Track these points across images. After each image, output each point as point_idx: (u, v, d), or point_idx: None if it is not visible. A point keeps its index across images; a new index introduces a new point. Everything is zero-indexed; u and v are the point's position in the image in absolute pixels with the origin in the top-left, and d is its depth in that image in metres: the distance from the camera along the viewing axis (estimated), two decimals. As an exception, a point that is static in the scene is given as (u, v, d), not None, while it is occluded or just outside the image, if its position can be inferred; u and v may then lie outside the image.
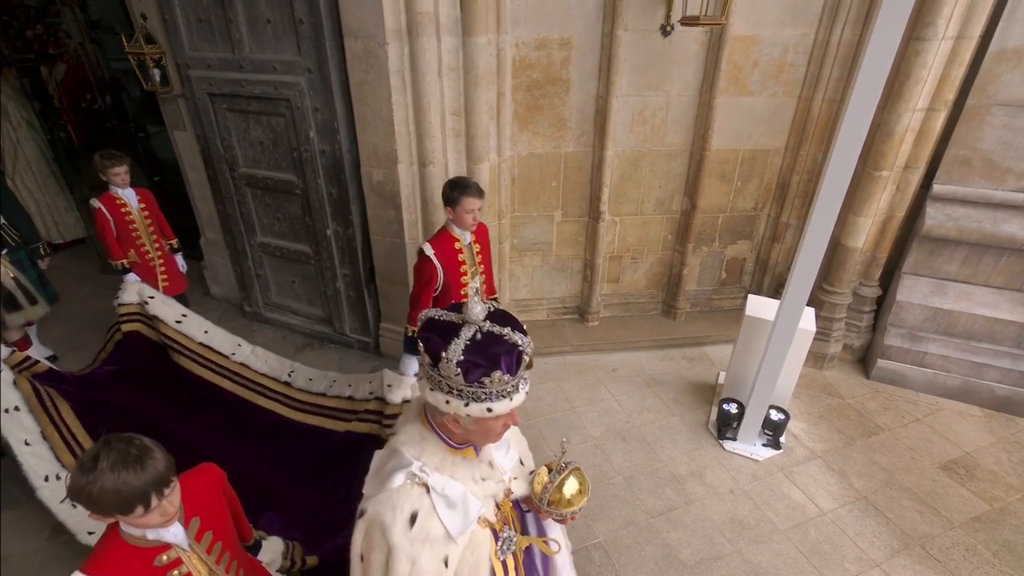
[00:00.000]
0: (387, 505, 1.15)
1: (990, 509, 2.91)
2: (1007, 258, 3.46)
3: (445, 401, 1.12)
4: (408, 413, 1.34)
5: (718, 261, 4.24)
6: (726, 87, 3.58)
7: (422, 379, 1.18)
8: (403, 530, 1.13)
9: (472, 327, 1.13)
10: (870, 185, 3.47)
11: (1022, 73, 3.13)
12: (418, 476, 1.17)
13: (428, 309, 1.25)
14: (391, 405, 2.52)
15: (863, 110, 2.32)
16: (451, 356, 1.08)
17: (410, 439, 1.23)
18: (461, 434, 1.20)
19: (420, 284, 2.56)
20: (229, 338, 3.14)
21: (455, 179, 2.56)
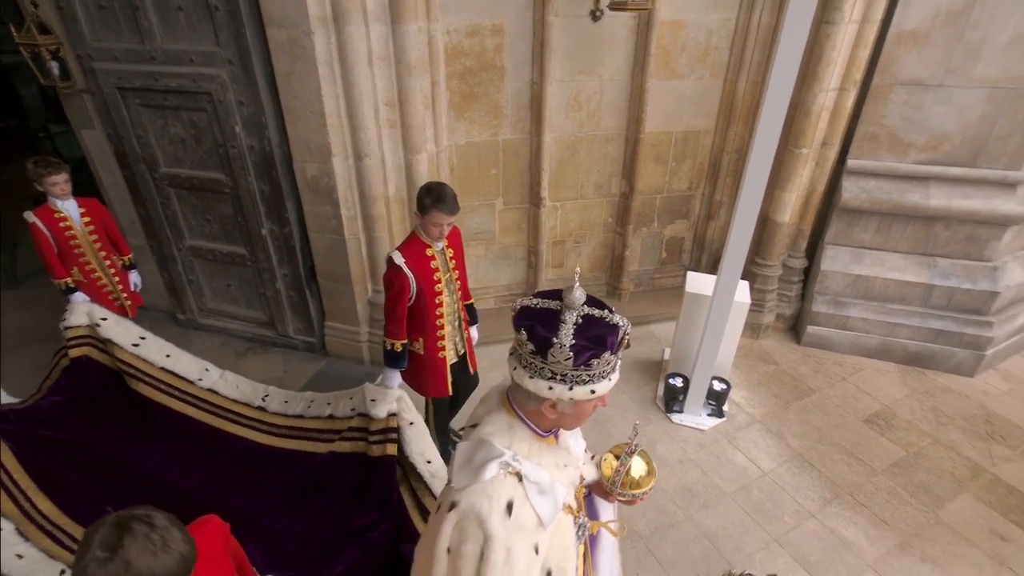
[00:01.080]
0: (482, 496, 1.15)
1: (906, 455, 3.19)
2: (912, 225, 3.75)
3: (548, 387, 1.13)
4: (487, 403, 1.33)
5: (658, 241, 4.38)
6: (657, 71, 3.67)
7: (517, 368, 1.17)
8: (500, 520, 1.14)
9: (574, 312, 1.15)
10: (792, 162, 3.67)
11: (918, 54, 3.38)
12: (511, 465, 1.18)
13: (523, 298, 1.24)
14: (376, 420, 2.41)
15: (781, 91, 2.45)
16: (564, 341, 1.11)
17: (498, 429, 1.23)
18: (554, 420, 1.22)
19: (392, 295, 2.38)
20: (195, 362, 2.89)
21: (434, 185, 2.33)
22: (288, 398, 2.82)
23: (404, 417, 2.43)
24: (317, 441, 2.66)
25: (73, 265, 3.10)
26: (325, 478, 2.55)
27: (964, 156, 3.55)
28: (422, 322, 2.49)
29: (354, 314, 3.68)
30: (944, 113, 3.48)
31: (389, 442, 2.41)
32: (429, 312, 2.48)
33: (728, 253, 2.80)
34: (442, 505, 1.23)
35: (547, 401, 1.16)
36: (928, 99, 3.47)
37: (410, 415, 2.44)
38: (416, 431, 2.44)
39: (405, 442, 2.42)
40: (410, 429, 2.43)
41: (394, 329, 2.43)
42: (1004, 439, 3.32)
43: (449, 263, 2.52)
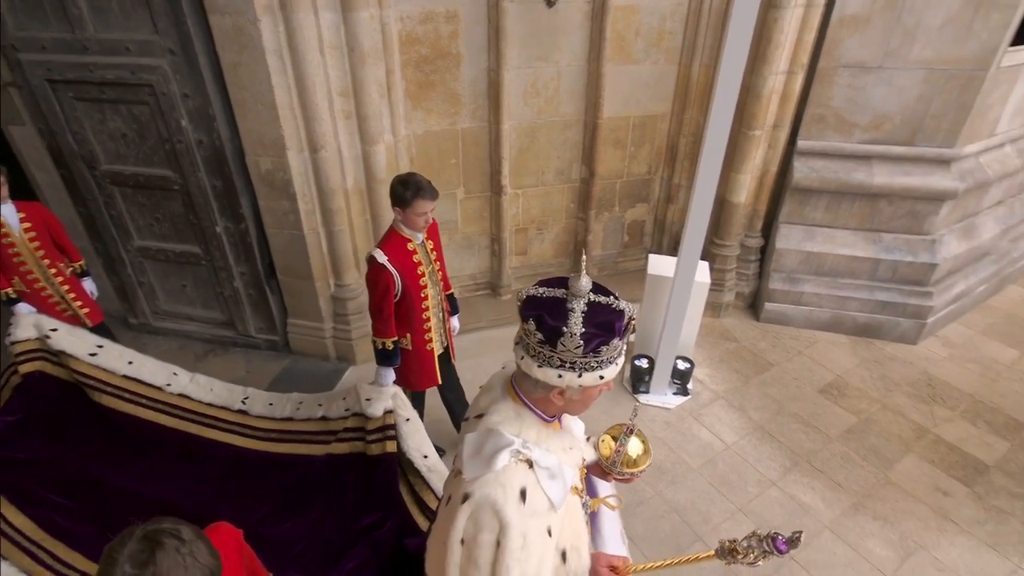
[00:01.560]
0: (496, 485, 1.16)
1: (858, 421, 3.36)
2: (859, 203, 3.92)
3: (558, 375, 1.15)
4: (490, 393, 1.34)
5: (619, 225, 4.44)
6: (612, 56, 3.69)
7: (524, 357, 1.19)
8: (516, 507, 1.15)
9: (581, 299, 1.16)
10: (746, 144, 3.77)
11: (860, 38, 3.51)
12: (522, 452, 1.20)
13: (528, 288, 1.24)
14: (373, 419, 2.37)
15: (733, 74, 2.50)
16: (574, 329, 1.12)
17: (506, 418, 1.25)
18: (561, 406, 1.24)
19: (378, 294, 2.34)
20: (161, 367, 2.73)
21: (407, 177, 2.28)
22: (273, 400, 2.73)
23: (400, 414, 2.41)
24: (312, 444, 2.58)
25: (14, 275, 2.87)
26: (325, 481, 2.49)
27: (904, 135, 3.72)
28: (409, 317, 2.48)
29: (317, 310, 3.61)
30: (885, 94, 3.63)
31: (388, 440, 2.38)
32: (415, 307, 2.47)
33: (687, 235, 2.87)
34: (453, 497, 1.22)
35: (555, 389, 1.18)
36: (870, 81, 3.61)
37: (405, 411, 2.43)
38: (412, 427, 2.43)
39: (402, 438, 2.40)
40: (406, 425, 2.41)
41: (383, 328, 2.40)
42: (944, 401, 3.54)
43: (430, 255, 2.50)
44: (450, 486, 1.29)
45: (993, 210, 4.41)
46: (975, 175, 3.85)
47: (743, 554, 1.31)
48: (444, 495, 1.33)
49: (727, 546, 1.34)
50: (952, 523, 2.76)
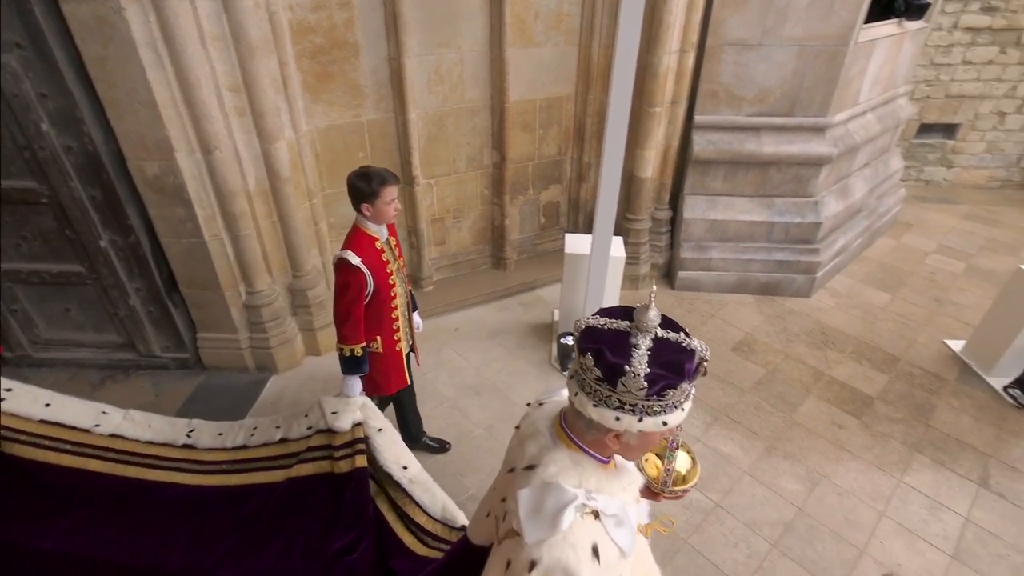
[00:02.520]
0: (566, 547, 1.04)
1: (766, 372, 3.66)
2: (752, 171, 4.22)
3: (615, 418, 1.03)
4: (537, 439, 1.19)
5: (535, 207, 4.51)
6: (514, 39, 3.71)
7: (578, 394, 1.07)
8: (590, 568, 1.04)
9: (647, 335, 1.04)
10: (648, 121, 3.94)
11: (740, 17, 3.75)
12: (587, 505, 1.07)
13: (587, 318, 1.12)
14: (340, 434, 2.22)
15: (628, 54, 2.59)
16: (638, 370, 0.99)
17: (563, 468, 1.11)
18: (616, 450, 1.12)
19: (348, 298, 2.20)
20: (87, 407, 2.37)
21: (363, 170, 2.17)
22: (222, 429, 2.49)
23: (371, 424, 2.27)
24: (271, 470, 2.37)
25: None
26: (287, 508, 2.30)
27: (785, 106, 4.04)
28: (379, 318, 2.37)
29: (229, 321, 3.39)
30: (765, 69, 3.91)
31: (358, 454, 2.23)
32: (385, 307, 2.37)
33: (599, 212, 2.96)
34: (514, 563, 1.08)
35: (612, 432, 1.07)
36: (751, 57, 3.87)
37: (377, 421, 2.29)
38: (387, 437, 2.29)
39: (376, 451, 2.26)
40: (379, 436, 2.27)
41: (351, 333, 2.27)
42: (835, 345, 3.93)
43: (394, 251, 2.42)
44: (506, 551, 1.13)
45: (861, 171, 4.91)
46: (845, 140, 4.26)
47: None
48: (501, 558, 1.14)
49: None
50: (847, 452, 3.09)
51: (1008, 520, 2.74)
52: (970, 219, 6.03)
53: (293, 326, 3.59)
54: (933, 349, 3.94)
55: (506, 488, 1.22)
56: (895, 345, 3.96)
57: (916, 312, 4.35)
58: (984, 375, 3.65)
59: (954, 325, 4.19)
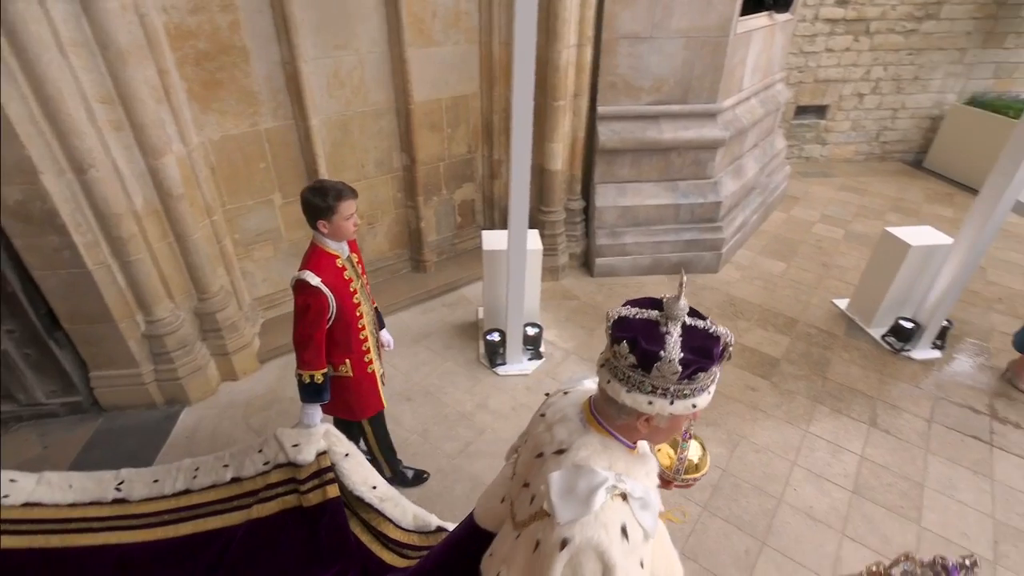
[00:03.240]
0: (597, 526, 1.08)
1: (684, 347, 3.87)
2: (655, 157, 4.44)
3: (648, 402, 1.09)
4: (566, 424, 1.23)
5: (450, 207, 4.49)
6: (413, 39, 3.66)
7: (611, 382, 1.12)
8: (619, 547, 1.08)
9: (677, 323, 1.09)
10: (553, 114, 4.03)
11: (630, 12, 3.92)
12: (617, 487, 1.12)
13: (619, 308, 1.15)
14: (304, 467, 2.08)
15: (527, 49, 2.63)
16: (672, 355, 1.04)
17: (594, 452, 1.16)
18: (644, 435, 1.18)
19: (308, 321, 2.05)
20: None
21: (318, 185, 2.04)
22: (158, 476, 2.24)
23: (336, 451, 2.16)
24: (225, 513, 2.20)
25: None
26: (253, 552, 2.12)
27: (679, 94, 4.28)
28: (346, 341, 2.23)
29: (128, 355, 3.11)
30: (658, 60, 4.12)
31: (327, 484, 2.12)
32: (352, 328, 2.22)
33: (512, 207, 2.99)
34: (543, 543, 1.12)
35: (643, 416, 1.12)
36: (645, 49, 4.06)
37: (342, 446, 2.19)
38: (353, 461, 2.20)
39: (344, 476, 2.16)
40: (346, 461, 2.17)
41: (312, 359, 2.11)
42: (743, 314, 4.23)
43: (357, 268, 2.27)
44: (534, 532, 1.16)
45: (751, 152, 5.31)
46: (735, 124, 4.58)
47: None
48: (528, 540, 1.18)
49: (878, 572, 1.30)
50: (761, 412, 3.34)
51: (894, 452, 3.08)
52: (844, 190, 6.70)
53: (204, 352, 3.35)
54: (824, 309, 4.34)
55: (531, 473, 1.26)
56: (793, 309, 4.32)
57: (808, 277, 4.77)
58: (866, 328, 4.07)
59: (839, 286, 4.64)
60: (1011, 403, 3.44)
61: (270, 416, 3.24)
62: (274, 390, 3.43)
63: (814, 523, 2.68)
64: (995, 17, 6.67)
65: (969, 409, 3.39)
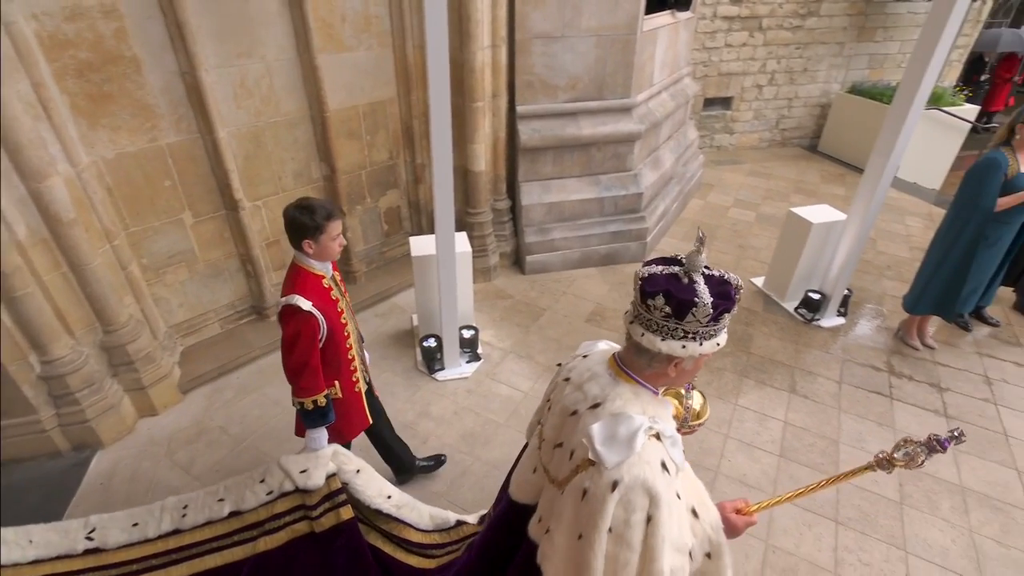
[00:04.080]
0: (642, 464, 1.20)
1: (619, 336, 3.99)
2: (577, 153, 4.55)
3: (682, 347, 1.22)
4: (597, 380, 1.35)
5: (376, 216, 4.39)
6: (323, 45, 3.55)
7: (646, 334, 1.24)
8: (661, 479, 1.20)
9: (698, 273, 1.22)
10: (473, 116, 4.03)
11: (541, 12, 4.00)
12: (653, 428, 1.24)
13: (644, 268, 1.27)
14: (314, 492, 2.00)
15: (439, 52, 2.62)
16: (706, 300, 1.17)
17: (627, 400, 1.28)
18: (672, 379, 1.30)
19: (303, 346, 1.98)
20: None
21: (304, 203, 1.97)
22: (136, 519, 2.05)
23: (347, 469, 2.10)
24: (225, 550, 2.07)
25: None
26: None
27: (594, 91, 4.41)
28: (336, 363, 2.18)
29: (22, 401, 2.81)
30: (572, 59, 4.22)
31: (340, 506, 2.05)
32: (340, 349, 2.18)
33: (438, 211, 2.97)
34: (592, 489, 1.22)
35: (674, 361, 1.25)
36: (558, 48, 4.15)
37: (352, 463, 2.13)
38: (366, 476, 2.16)
39: (358, 492, 2.12)
40: (359, 478, 2.12)
41: (310, 385, 2.04)
42: (670, 300, 4.42)
43: (340, 286, 2.23)
44: (582, 480, 1.25)
45: (667, 144, 5.56)
46: (649, 117, 4.78)
47: (905, 461, 1.44)
48: (573, 492, 1.27)
49: (884, 458, 1.47)
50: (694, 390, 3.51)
51: (812, 415, 3.33)
52: (753, 175, 7.16)
53: (116, 389, 3.09)
54: (744, 288, 4.61)
55: (564, 433, 1.37)
56: (715, 290, 4.56)
57: (727, 259, 5.06)
58: (780, 302, 4.38)
59: (755, 265, 4.96)
60: (904, 359, 3.82)
61: (198, 449, 3.04)
62: (200, 421, 3.22)
63: (748, 489, 2.85)
64: (865, 14, 7.36)
65: (871, 368, 3.72)
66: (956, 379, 3.64)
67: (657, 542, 1.21)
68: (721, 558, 1.38)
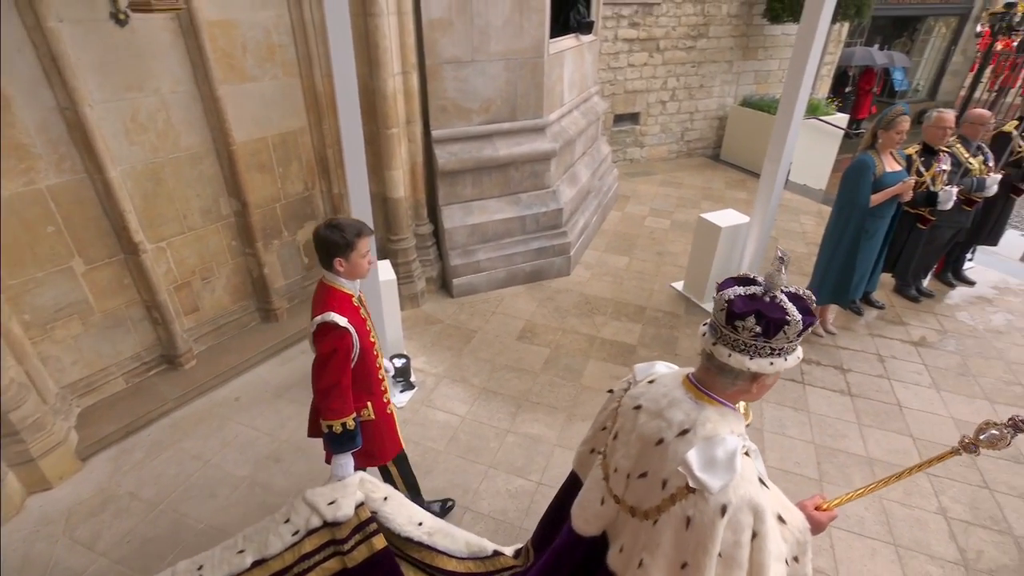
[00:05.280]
0: (745, 483, 1.23)
1: (551, 351, 4.06)
2: (495, 174, 4.62)
3: (769, 363, 1.25)
4: (679, 407, 1.34)
5: (294, 249, 4.22)
6: (225, 76, 3.40)
7: (732, 355, 1.25)
8: (763, 495, 1.25)
9: (778, 290, 1.26)
10: (388, 143, 4.00)
11: (450, 38, 4.05)
12: (746, 447, 1.27)
13: (726, 292, 1.28)
14: (344, 524, 1.92)
15: (347, 80, 2.59)
16: (796, 317, 1.21)
17: (716, 423, 1.29)
18: (754, 394, 1.32)
19: (336, 364, 1.94)
20: None
21: (334, 223, 1.97)
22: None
23: (374, 497, 2.04)
24: None
25: None
26: None
27: (507, 113, 4.51)
28: (367, 382, 2.16)
29: None
30: (483, 82, 4.31)
31: (372, 536, 1.97)
32: (371, 367, 2.16)
33: (360, 241, 2.90)
34: (698, 516, 1.23)
35: (761, 378, 1.27)
36: (469, 73, 4.22)
37: (379, 491, 2.07)
38: (395, 503, 2.09)
39: (388, 520, 2.04)
40: (387, 505, 2.06)
41: (340, 406, 1.99)
42: (598, 310, 4.56)
43: (366, 304, 2.23)
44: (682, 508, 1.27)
45: (582, 159, 5.77)
46: (563, 136, 4.95)
47: (990, 443, 1.46)
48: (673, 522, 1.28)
49: (969, 442, 1.49)
50: (627, 397, 3.61)
51: (739, 409, 3.52)
52: (664, 185, 7.58)
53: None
54: (665, 293, 4.84)
55: (650, 463, 1.35)
56: (640, 297, 4.76)
57: (647, 267, 5.29)
58: (700, 303, 4.62)
59: (674, 270, 5.22)
60: (811, 346, 4.14)
61: (104, 521, 2.74)
62: (105, 489, 2.91)
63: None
64: (746, 35, 8.08)
65: (785, 358, 4.00)
66: (855, 360, 3.99)
67: (764, 557, 1.23)
68: (805, 555, 1.39)
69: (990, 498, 2.95)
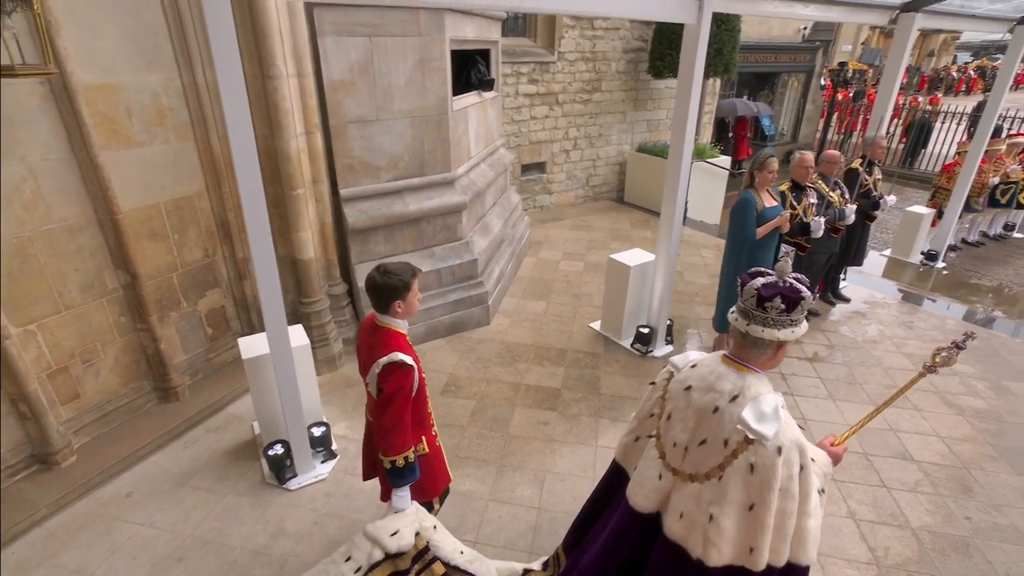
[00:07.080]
0: (790, 427, 1.56)
1: (476, 403, 4.00)
2: (407, 229, 4.61)
3: (791, 332, 1.61)
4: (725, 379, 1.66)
5: (196, 320, 3.92)
6: (107, 142, 3.19)
7: (766, 329, 1.60)
8: (803, 434, 1.60)
9: (787, 276, 1.64)
10: (294, 203, 3.89)
11: (353, 98, 4.09)
12: (782, 399, 1.61)
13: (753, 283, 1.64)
14: (406, 554, 2.05)
15: (244, 142, 2.50)
16: (807, 295, 1.60)
17: (757, 386, 1.61)
18: (777, 360, 1.69)
19: (400, 401, 2.05)
20: None
21: (386, 268, 2.09)
22: None
23: (426, 526, 2.18)
24: None
25: None
26: None
27: (415, 168, 4.56)
28: (421, 417, 2.26)
29: None
30: (390, 141, 4.35)
31: (432, 564, 2.12)
32: (424, 404, 2.28)
33: (265, 306, 2.75)
34: (759, 462, 1.53)
35: (784, 345, 1.64)
36: (374, 131, 4.26)
37: (428, 520, 2.22)
38: (442, 532, 2.26)
39: (437, 549, 2.18)
40: (436, 534, 2.21)
41: (403, 442, 2.08)
42: (520, 357, 4.58)
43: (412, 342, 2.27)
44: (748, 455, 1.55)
45: (493, 210, 5.91)
46: (472, 188, 5.07)
47: (943, 362, 1.89)
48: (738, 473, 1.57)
49: (930, 365, 1.93)
50: (556, 441, 3.61)
51: (663, 440, 3.62)
52: (575, 229, 7.91)
53: None
54: (584, 334, 4.97)
55: (709, 429, 1.64)
56: (560, 340, 4.85)
57: (565, 310, 5.43)
58: (618, 341, 4.79)
59: (591, 311, 5.39)
60: (723, 372, 4.38)
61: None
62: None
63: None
64: (635, 89, 8.83)
65: (700, 386, 4.20)
66: (762, 381, 4.27)
67: (808, 486, 1.57)
68: (826, 487, 1.72)
69: (888, 496, 3.21)
